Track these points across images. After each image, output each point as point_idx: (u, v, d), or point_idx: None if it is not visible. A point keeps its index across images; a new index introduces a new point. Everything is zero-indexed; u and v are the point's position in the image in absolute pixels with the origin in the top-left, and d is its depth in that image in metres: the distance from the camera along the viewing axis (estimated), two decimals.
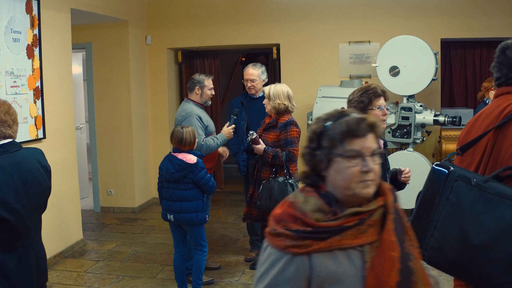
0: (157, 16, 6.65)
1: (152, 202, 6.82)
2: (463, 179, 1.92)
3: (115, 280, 4.24)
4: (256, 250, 4.68)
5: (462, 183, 1.92)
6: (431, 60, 5.17)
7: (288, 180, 3.96)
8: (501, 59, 2.09)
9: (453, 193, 1.93)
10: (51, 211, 4.26)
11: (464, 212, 1.88)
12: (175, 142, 3.69)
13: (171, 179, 3.67)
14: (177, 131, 3.70)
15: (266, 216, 4.15)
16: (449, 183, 1.95)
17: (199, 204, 3.70)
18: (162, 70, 6.74)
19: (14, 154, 2.23)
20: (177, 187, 3.67)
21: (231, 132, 4.29)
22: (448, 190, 1.94)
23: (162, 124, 6.80)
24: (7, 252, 2.17)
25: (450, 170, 1.96)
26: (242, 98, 4.65)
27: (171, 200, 3.71)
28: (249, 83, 4.54)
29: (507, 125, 1.98)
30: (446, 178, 1.96)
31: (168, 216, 3.73)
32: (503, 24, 5.79)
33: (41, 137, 4.42)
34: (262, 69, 4.58)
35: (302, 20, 6.29)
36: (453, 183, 1.93)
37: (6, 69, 4.02)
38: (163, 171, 3.74)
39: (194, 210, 3.68)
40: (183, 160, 3.62)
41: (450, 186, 1.94)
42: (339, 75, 6.21)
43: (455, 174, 1.95)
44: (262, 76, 4.55)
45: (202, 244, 3.78)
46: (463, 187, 1.91)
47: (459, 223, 1.89)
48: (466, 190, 1.91)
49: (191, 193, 3.68)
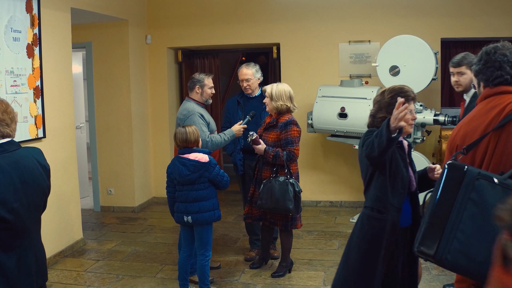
0: (157, 16, 6.65)
1: (152, 202, 6.82)
2: (485, 177, 1.88)
3: (115, 279, 4.24)
4: (255, 249, 4.68)
5: (484, 181, 1.87)
6: (431, 59, 5.17)
7: (289, 180, 3.97)
8: (487, 62, 2.15)
9: (475, 192, 1.87)
10: (51, 211, 4.27)
11: (489, 211, 1.81)
12: (180, 141, 3.65)
13: (186, 181, 3.62)
14: (179, 131, 3.68)
15: (267, 216, 4.16)
16: (468, 182, 1.89)
17: (215, 202, 3.73)
18: (162, 70, 6.74)
19: (12, 154, 2.23)
20: (193, 188, 3.64)
21: (241, 130, 4.29)
22: (469, 190, 1.88)
23: (162, 124, 6.80)
24: (7, 252, 2.17)
25: (467, 169, 1.91)
26: (238, 97, 4.65)
27: (187, 202, 3.67)
28: (244, 83, 4.53)
29: (509, 124, 2.00)
30: (462, 177, 1.90)
31: (185, 218, 3.68)
32: (503, 23, 5.79)
33: (41, 136, 4.42)
34: (256, 67, 4.57)
35: (302, 19, 6.29)
36: (474, 181, 1.88)
37: (6, 68, 4.02)
38: (175, 174, 3.66)
39: (211, 209, 3.69)
40: (197, 160, 3.59)
41: (471, 185, 1.88)
42: (339, 74, 6.22)
43: (474, 173, 1.90)
44: (256, 75, 4.54)
45: (207, 248, 3.75)
46: (486, 185, 1.87)
47: (486, 223, 1.83)
48: (490, 189, 1.86)
49: (207, 192, 3.67)
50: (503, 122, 2.02)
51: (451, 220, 1.88)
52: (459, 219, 1.87)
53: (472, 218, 1.86)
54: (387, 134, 2.32)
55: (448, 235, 1.87)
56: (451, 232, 1.86)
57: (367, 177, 2.62)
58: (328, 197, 6.44)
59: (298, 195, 3.97)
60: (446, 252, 1.85)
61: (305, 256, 4.67)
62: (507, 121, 2.01)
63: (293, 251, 4.49)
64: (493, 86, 2.15)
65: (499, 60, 2.13)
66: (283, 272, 4.23)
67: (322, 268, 4.36)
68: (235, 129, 4.27)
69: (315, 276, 4.21)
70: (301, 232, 5.26)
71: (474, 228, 1.85)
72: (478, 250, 1.83)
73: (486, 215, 1.83)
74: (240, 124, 4.30)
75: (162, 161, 6.70)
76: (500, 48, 2.16)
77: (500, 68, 2.13)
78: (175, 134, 3.71)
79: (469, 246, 1.84)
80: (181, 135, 3.65)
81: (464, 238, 1.84)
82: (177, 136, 3.67)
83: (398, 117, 2.27)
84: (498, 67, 2.13)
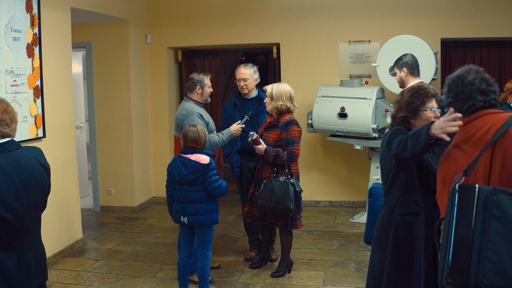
0: (157, 15, 6.65)
1: (152, 201, 6.82)
2: (503, 192, 1.83)
3: (114, 279, 4.24)
4: (255, 249, 4.68)
5: (503, 195, 1.83)
6: (431, 60, 5.17)
7: (290, 180, 3.96)
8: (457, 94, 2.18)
9: (496, 208, 1.81)
10: (51, 210, 4.27)
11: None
12: (190, 141, 3.62)
13: (184, 181, 3.61)
14: (191, 130, 3.63)
15: (267, 216, 4.16)
16: (485, 199, 1.83)
17: (212, 205, 3.68)
18: (162, 69, 6.74)
19: (12, 153, 2.23)
20: (191, 189, 3.62)
21: (240, 130, 4.28)
22: (489, 207, 1.82)
23: (162, 123, 6.80)
24: (7, 251, 2.17)
25: (478, 187, 1.86)
26: (235, 99, 4.63)
27: (184, 203, 3.65)
28: (241, 83, 4.51)
29: (501, 140, 2.01)
30: (475, 197, 1.84)
31: (182, 218, 3.67)
32: (503, 24, 5.79)
33: (41, 136, 4.42)
34: (254, 68, 4.56)
35: (302, 19, 6.29)
36: (493, 197, 1.82)
37: (6, 68, 4.01)
38: (175, 173, 3.65)
39: (208, 212, 3.65)
40: (197, 161, 3.57)
41: (490, 202, 1.82)
42: (339, 74, 6.22)
43: (489, 189, 1.85)
44: (254, 76, 4.53)
45: (207, 248, 3.75)
46: (506, 199, 1.82)
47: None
48: (509, 202, 1.82)
49: (205, 195, 3.64)
50: (494, 139, 2.02)
51: (475, 242, 1.80)
52: (486, 239, 1.79)
53: (500, 235, 1.79)
54: (425, 138, 2.23)
55: (478, 258, 1.78)
56: (480, 255, 1.78)
57: (389, 178, 2.58)
58: (328, 197, 6.45)
59: (298, 195, 3.97)
60: (481, 276, 1.76)
61: (305, 256, 4.67)
62: (497, 137, 2.02)
63: (293, 251, 4.49)
64: (469, 114, 2.17)
65: (468, 91, 2.15)
66: (283, 272, 4.23)
67: (322, 268, 4.36)
68: (233, 128, 4.26)
69: (315, 276, 4.21)
70: (301, 232, 5.26)
71: (504, 245, 1.78)
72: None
73: (510, 229, 1.79)
74: (238, 124, 4.30)
75: (162, 161, 6.70)
76: (466, 77, 2.17)
77: (470, 98, 2.15)
78: (185, 132, 3.65)
79: (504, 265, 1.76)
80: (193, 133, 3.62)
81: (496, 257, 1.77)
82: (189, 135, 3.62)
83: (445, 129, 2.14)
84: (468, 98, 2.15)
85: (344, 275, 4.20)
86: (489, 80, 2.18)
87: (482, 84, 2.15)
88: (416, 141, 2.29)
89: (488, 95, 2.15)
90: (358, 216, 5.78)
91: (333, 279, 4.12)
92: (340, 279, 4.12)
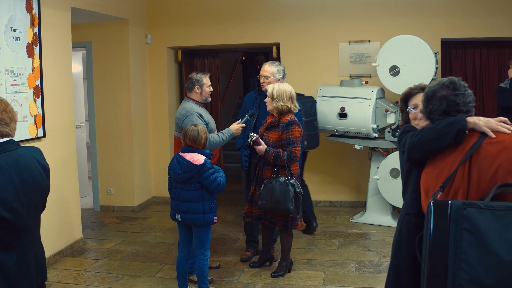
0: (157, 15, 6.65)
1: (152, 201, 6.82)
2: (471, 205, 1.98)
3: (114, 279, 4.24)
4: (251, 249, 4.68)
5: (471, 209, 1.97)
6: (431, 59, 5.17)
7: (290, 180, 3.96)
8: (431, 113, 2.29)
9: (466, 221, 1.96)
10: (50, 210, 4.28)
11: (485, 235, 1.93)
12: (189, 140, 3.63)
13: (178, 179, 3.64)
14: (191, 129, 3.64)
15: (267, 215, 4.16)
16: (456, 214, 1.98)
17: (206, 205, 3.66)
18: (162, 69, 6.74)
19: (12, 153, 2.22)
20: (185, 188, 3.64)
21: (240, 130, 4.28)
22: (459, 220, 1.97)
23: (162, 123, 6.80)
24: (6, 251, 2.17)
25: (450, 203, 2.01)
26: (256, 93, 4.63)
27: (178, 201, 3.69)
28: (262, 79, 4.52)
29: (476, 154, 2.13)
30: (449, 211, 2.00)
31: (176, 216, 3.72)
32: (503, 23, 5.79)
33: (41, 135, 4.42)
34: (278, 68, 4.53)
35: (302, 19, 6.29)
36: (462, 211, 1.97)
37: (6, 67, 4.01)
38: (171, 171, 3.71)
39: (200, 211, 3.65)
40: (190, 162, 3.58)
41: (460, 216, 1.97)
42: (339, 74, 6.22)
43: (459, 204, 1.99)
44: (277, 75, 4.50)
45: (205, 247, 3.74)
46: (474, 212, 1.96)
47: (484, 247, 1.92)
48: (478, 214, 1.96)
49: (198, 194, 3.64)
50: (470, 153, 2.14)
51: (450, 254, 1.96)
52: (459, 251, 1.95)
53: (471, 246, 1.94)
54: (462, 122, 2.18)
55: (453, 269, 1.95)
56: (455, 266, 1.95)
57: (403, 177, 2.57)
58: (328, 197, 6.44)
59: (298, 196, 3.97)
60: (457, 285, 1.93)
61: (305, 256, 4.67)
62: (472, 152, 2.13)
63: (293, 250, 4.49)
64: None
65: (441, 109, 2.25)
66: (283, 272, 4.23)
67: (322, 268, 4.36)
68: (233, 128, 4.26)
69: (315, 276, 4.21)
70: (300, 232, 5.26)
71: (476, 255, 1.93)
72: (486, 274, 1.90)
73: (482, 240, 1.93)
74: (238, 123, 4.30)
75: (162, 161, 6.70)
76: (439, 90, 2.27)
77: (445, 113, 2.25)
78: (185, 132, 3.66)
79: (476, 274, 1.92)
80: (193, 132, 3.62)
81: (469, 267, 1.93)
82: (188, 134, 3.63)
83: (493, 126, 2.16)
84: (443, 112, 2.25)
85: (344, 275, 4.20)
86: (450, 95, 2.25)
87: (442, 104, 2.25)
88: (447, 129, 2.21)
89: (448, 113, 2.24)
90: (358, 216, 5.78)
91: (333, 279, 4.12)
92: (340, 279, 4.12)
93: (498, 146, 2.12)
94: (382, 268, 4.29)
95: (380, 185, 5.44)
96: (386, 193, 5.42)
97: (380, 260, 4.52)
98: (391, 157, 5.37)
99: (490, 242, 1.91)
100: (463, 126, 2.17)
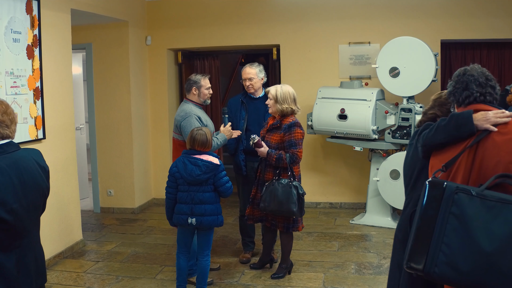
0: (157, 17, 6.66)
1: (152, 203, 6.82)
2: (463, 191, 1.99)
3: (114, 280, 4.23)
4: (249, 251, 4.68)
5: (462, 195, 1.98)
6: (431, 61, 5.17)
7: (292, 182, 3.95)
8: (456, 83, 2.30)
9: (455, 206, 1.98)
10: (50, 212, 4.27)
11: (470, 222, 1.94)
12: (198, 145, 3.63)
13: (196, 181, 3.61)
14: (199, 134, 3.64)
15: (268, 217, 4.16)
16: (448, 197, 2.00)
17: (218, 206, 3.70)
18: (162, 71, 6.74)
19: (12, 155, 2.22)
20: (200, 190, 3.63)
21: (230, 130, 4.27)
22: (449, 204, 1.99)
23: (162, 125, 6.80)
24: (6, 252, 2.17)
25: (446, 185, 2.02)
26: (242, 97, 4.62)
27: (192, 204, 3.64)
28: (247, 82, 4.50)
29: (483, 140, 2.12)
30: (443, 193, 2.01)
31: (189, 220, 3.65)
32: (503, 25, 5.79)
33: (41, 137, 4.42)
34: (259, 67, 4.56)
35: (302, 20, 6.29)
36: (453, 196, 1.99)
37: (6, 69, 4.02)
38: (185, 174, 3.62)
39: (215, 213, 3.67)
40: (210, 162, 3.59)
41: (451, 200, 1.99)
42: (339, 76, 6.22)
43: (452, 188, 2.01)
44: (260, 75, 4.53)
45: (210, 249, 3.79)
46: (465, 198, 1.98)
47: (467, 234, 1.94)
48: (468, 201, 1.97)
49: (213, 196, 3.67)
50: (477, 139, 2.13)
51: (435, 234, 1.99)
52: (442, 233, 1.98)
53: (455, 231, 1.96)
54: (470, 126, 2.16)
55: (434, 249, 1.98)
56: (436, 246, 1.98)
57: (415, 174, 2.54)
58: (328, 198, 6.44)
59: (301, 198, 3.97)
60: (434, 265, 1.96)
61: (305, 258, 4.66)
62: (480, 138, 2.13)
63: (293, 252, 4.48)
64: (465, 106, 2.27)
65: (466, 81, 2.27)
66: (283, 273, 4.23)
67: (322, 270, 4.36)
68: (224, 131, 4.25)
69: (315, 277, 4.21)
70: (301, 233, 5.26)
71: (457, 240, 1.95)
72: (463, 261, 1.93)
73: (465, 226, 1.95)
74: (223, 126, 4.29)
75: (162, 162, 6.70)
76: (469, 70, 2.30)
77: (467, 88, 2.26)
78: (193, 136, 3.65)
79: (454, 258, 1.94)
80: (201, 136, 3.63)
81: (449, 250, 1.96)
82: (197, 139, 3.62)
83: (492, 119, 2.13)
84: (465, 87, 2.26)
85: (344, 277, 4.19)
86: (489, 76, 2.28)
87: (481, 77, 2.26)
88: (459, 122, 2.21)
89: (484, 87, 2.25)
90: (358, 218, 5.78)
91: (333, 281, 4.12)
92: (340, 281, 4.11)
93: (506, 136, 2.12)
94: (382, 270, 4.29)
95: (380, 187, 5.44)
96: (386, 195, 5.42)
97: (380, 261, 4.52)
98: (391, 159, 5.37)
99: (474, 231, 1.93)
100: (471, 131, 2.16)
